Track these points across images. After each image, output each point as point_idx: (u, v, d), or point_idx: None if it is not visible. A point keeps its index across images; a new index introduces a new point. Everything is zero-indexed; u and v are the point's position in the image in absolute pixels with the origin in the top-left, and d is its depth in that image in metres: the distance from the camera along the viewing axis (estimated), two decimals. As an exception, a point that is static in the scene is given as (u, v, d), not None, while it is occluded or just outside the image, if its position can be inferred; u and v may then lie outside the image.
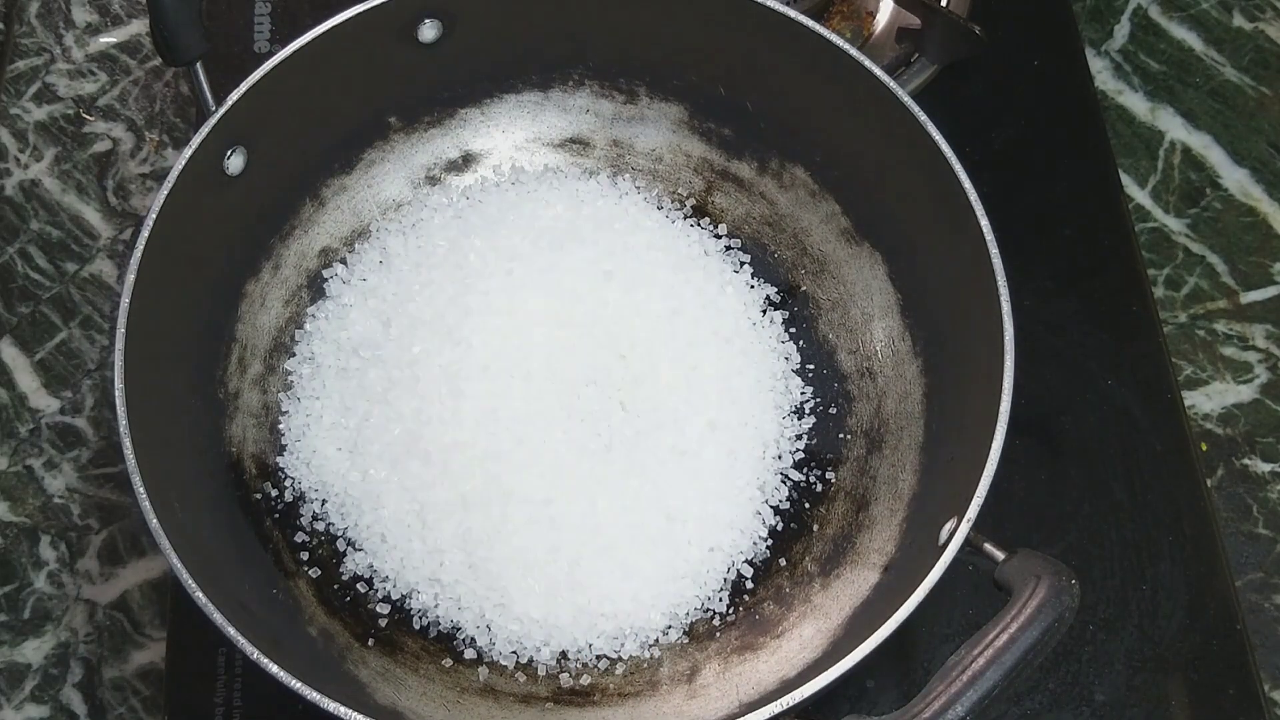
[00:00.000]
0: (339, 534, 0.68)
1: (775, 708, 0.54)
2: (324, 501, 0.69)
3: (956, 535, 0.56)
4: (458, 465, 0.66)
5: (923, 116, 0.65)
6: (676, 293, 0.72)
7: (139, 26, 0.91)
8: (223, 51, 0.83)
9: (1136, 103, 0.90)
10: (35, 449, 0.77)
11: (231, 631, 0.54)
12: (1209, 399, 0.81)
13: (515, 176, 0.78)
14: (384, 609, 0.66)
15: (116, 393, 0.58)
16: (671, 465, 0.68)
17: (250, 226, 0.71)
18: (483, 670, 0.66)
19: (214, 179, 0.66)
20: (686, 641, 0.67)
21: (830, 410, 0.73)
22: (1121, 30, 0.93)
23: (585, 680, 0.66)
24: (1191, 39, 0.93)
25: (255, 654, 0.54)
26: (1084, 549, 0.73)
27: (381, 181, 0.77)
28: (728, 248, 0.76)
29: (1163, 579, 0.73)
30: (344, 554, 0.68)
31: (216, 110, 0.64)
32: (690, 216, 0.77)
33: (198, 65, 0.66)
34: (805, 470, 0.71)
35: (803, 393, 0.73)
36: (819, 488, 0.71)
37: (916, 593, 0.55)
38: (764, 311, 0.74)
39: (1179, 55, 0.92)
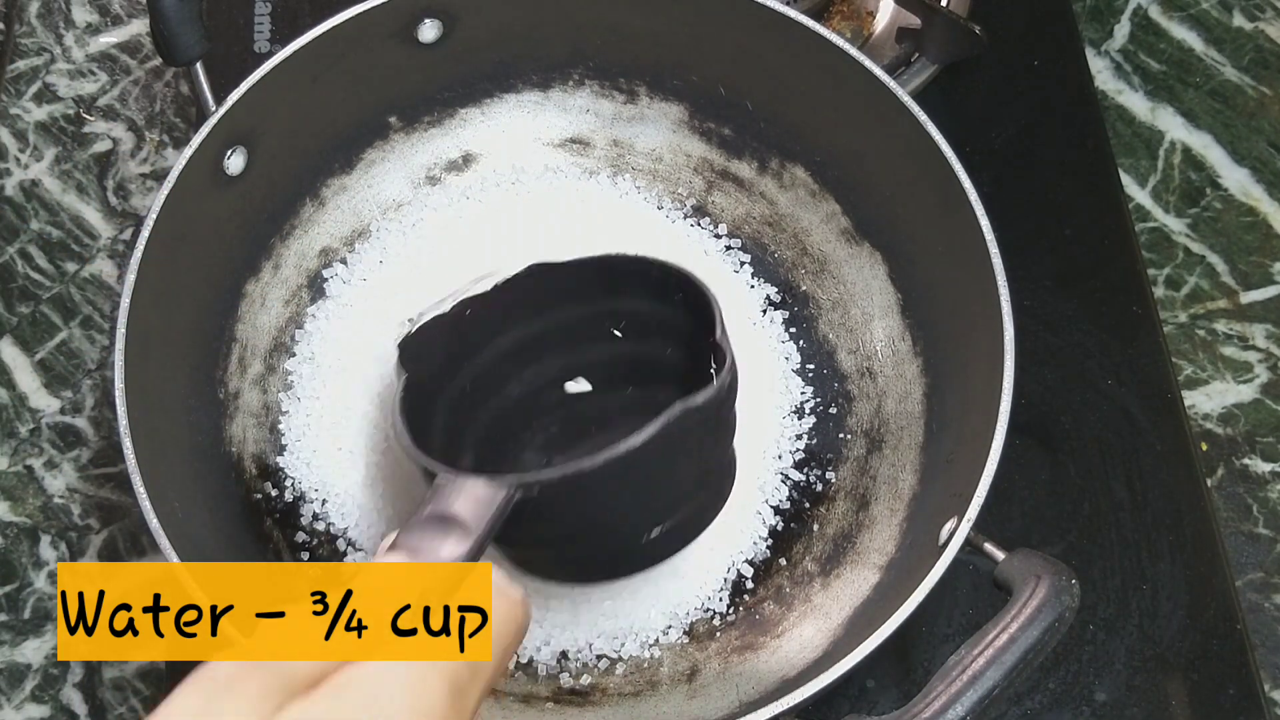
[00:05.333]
0: (339, 534, 0.68)
1: (775, 708, 0.54)
2: (324, 501, 0.69)
3: (956, 535, 0.56)
4: (458, 465, 0.66)
5: (923, 116, 0.65)
6: (676, 293, 0.72)
7: (139, 26, 0.91)
8: (223, 51, 0.83)
9: (1136, 103, 0.90)
10: (35, 449, 0.77)
11: (231, 631, 0.54)
12: (1209, 399, 0.81)
13: (515, 176, 0.78)
14: (384, 609, 0.66)
15: (116, 393, 0.58)
16: (671, 465, 0.67)
17: (250, 226, 0.71)
18: (483, 670, 0.65)
19: (214, 179, 0.66)
20: (686, 641, 0.67)
21: (830, 410, 0.73)
22: (1121, 30, 0.93)
23: (585, 680, 0.66)
24: (1191, 39, 0.93)
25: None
26: (1084, 549, 0.73)
27: (381, 181, 0.77)
28: (728, 248, 0.76)
29: (1163, 579, 0.73)
30: (344, 554, 0.68)
31: (216, 110, 0.64)
32: (690, 216, 0.77)
33: (198, 65, 0.66)
34: (805, 470, 0.71)
35: (803, 393, 0.73)
36: (819, 487, 0.71)
37: (916, 593, 0.54)
38: (764, 311, 0.74)
39: (1179, 55, 0.92)
